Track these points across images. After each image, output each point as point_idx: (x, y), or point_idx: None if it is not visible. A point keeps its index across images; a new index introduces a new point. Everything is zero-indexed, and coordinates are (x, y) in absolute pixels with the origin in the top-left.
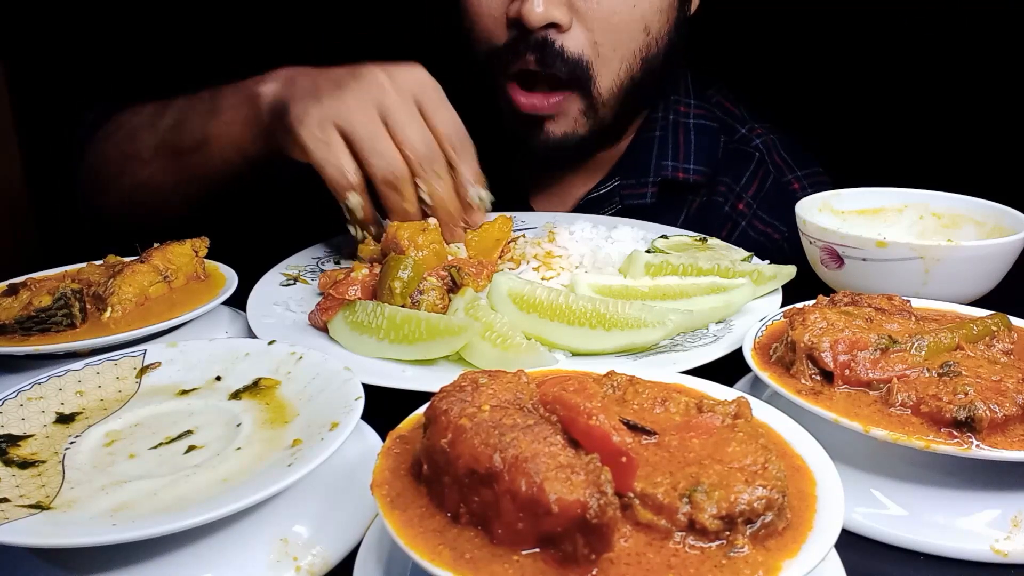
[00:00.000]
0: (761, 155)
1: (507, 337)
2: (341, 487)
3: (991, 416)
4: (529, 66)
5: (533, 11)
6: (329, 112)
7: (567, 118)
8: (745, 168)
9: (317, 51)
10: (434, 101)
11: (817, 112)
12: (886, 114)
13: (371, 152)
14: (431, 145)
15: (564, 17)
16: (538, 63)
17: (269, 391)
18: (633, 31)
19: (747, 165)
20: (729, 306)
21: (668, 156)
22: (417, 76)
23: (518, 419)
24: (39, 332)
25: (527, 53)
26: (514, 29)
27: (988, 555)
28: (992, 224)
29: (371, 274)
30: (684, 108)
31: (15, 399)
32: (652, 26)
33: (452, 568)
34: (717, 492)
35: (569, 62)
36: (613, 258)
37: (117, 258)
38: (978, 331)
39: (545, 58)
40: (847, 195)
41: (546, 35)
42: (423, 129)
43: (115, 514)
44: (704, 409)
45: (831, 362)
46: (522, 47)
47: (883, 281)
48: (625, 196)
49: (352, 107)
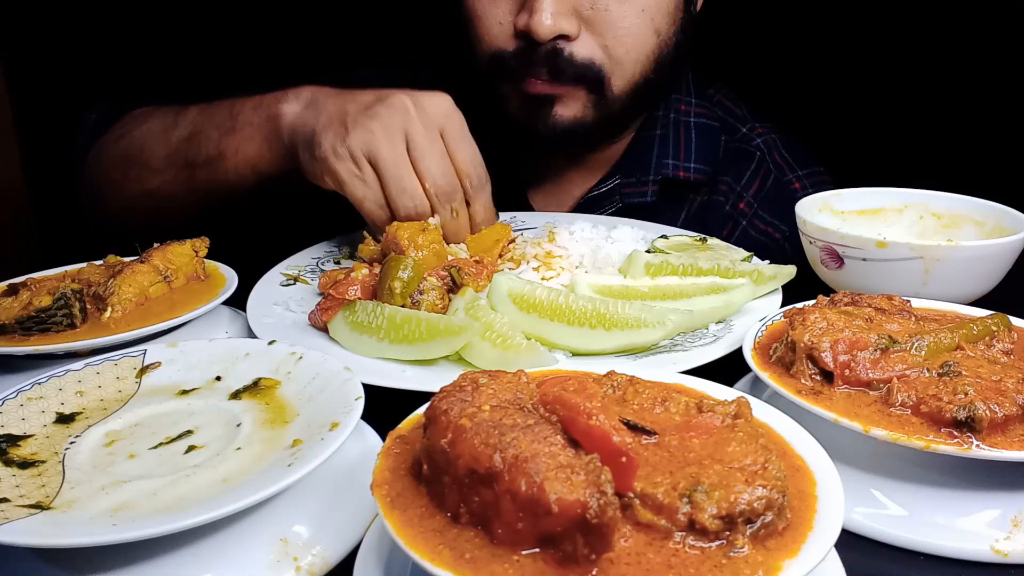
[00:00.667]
0: (762, 154)
1: (507, 337)
2: (341, 487)
3: (991, 416)
4: (541, 77)
5: (542, 24)
6: (360, 144)
7: (577, 103)
8: (746, 167)
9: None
10: (457, 133)
11: (818, 112)
12: (886, 114)
13: (398, 191)
14: (451, 179)
15: (572, 28)
16: (550, 74)
17: (269, 391)
18: (644, 35)
19: (748, 164)
20: (729, 306)
21: (669, 155)
22: (443, 106)
23: (518, 419)
24: (39, 332)
25: (538, 65)
26: (522, 40)
27: (988, 555)
28: (992, 224)
29: (371, 274)
30: (685, 107)
31: (15, 399)
32: (662, 29)
33: (452, 568)
34: (717, 492)
35: (579, 67)
36: (613, 258)
37: (117, 258)
38: (978, 331)
39: (557, 67)
40: (847, 195)
41: (555, 45)
42: (445, 162)
43: (115, 514)
44: (704, 409)
45: (831, 362)
46: (533, 58)
47: (883, 281)
48: (626, 194)
49: (380, 138)
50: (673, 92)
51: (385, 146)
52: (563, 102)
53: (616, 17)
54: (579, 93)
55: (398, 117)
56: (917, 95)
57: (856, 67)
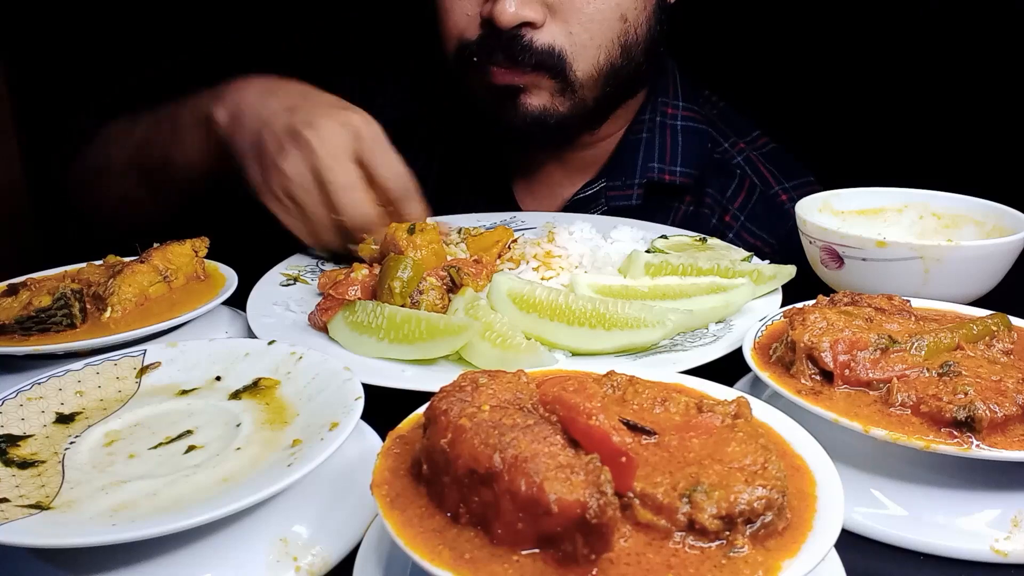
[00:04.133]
0: (743, 171)
1: (507, 337)
2: (341, 487)
3: (991, 416)
4: (498, 63)
5: (505, 11)
6: (278, 186)
7: (543, 92)
8: (729, 182)
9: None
10: (371, 149)
11: (817, 112)
12: (885, 114)
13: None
14: (363, 209)
15: (537, 15)
16: (507, 59)
17: (269, 391)
18: (609, 20)
19: (731, 180)
20: (729, 306)
21: (654, 158)
22: (350, 127)
23: (518, 419)
24: (39, 332)
25: (496, 51)
26: (486, 27)
27: (988, 555)
28: (992, 224)
29: (371, 274)
30: (671, 110)
31: (15, 399)
32: (629, 14)
33: (452, 568)
34: (717, 492)
35: (538, 53)
36: (613, 258)
37: (117, 258)
38: (978, 331)
39: (514, 53)
40: (847, 195)
41: (516, 32)
42: (355, 192)
43: (115, 514)
44: (704, 409)
45: (831, 362)
46: (492, 44)
47: (883, 281)
48: (611, 197)
49: (292, 182)
50: (660, 95)
51: (298, 191)
52: (529, 92)
53: (581, 3)
54: (543, 81)
55: (304, 154)
56: (917, 95)
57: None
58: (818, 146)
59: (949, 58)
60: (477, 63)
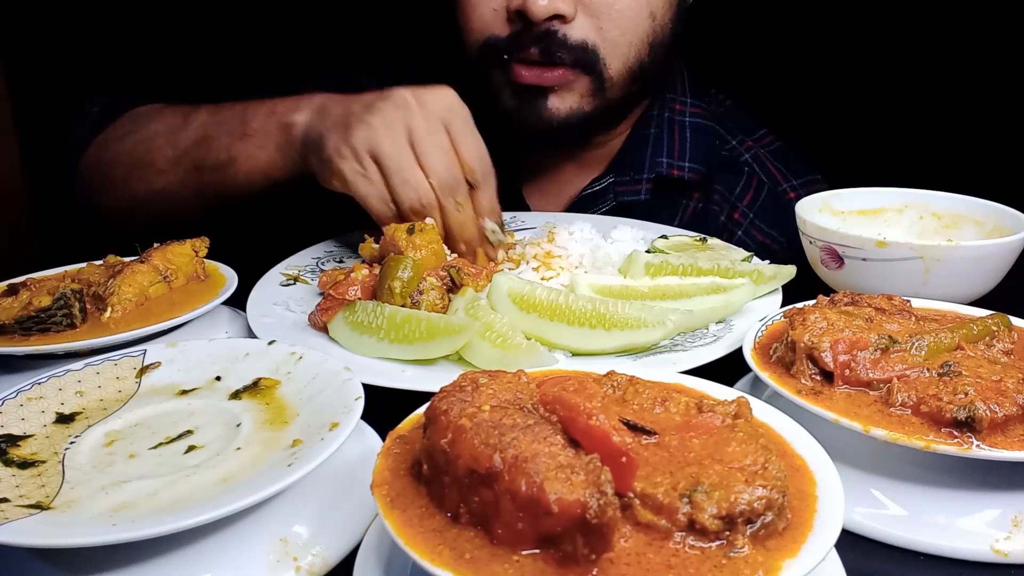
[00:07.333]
0: (751, 169)
1: (507, 337)
2: (341, 487)
3: (991, 416)
4: (532, 57)
5: (538, 3)
6: (362, 142)
7: (573, 94)
8: (737, 179)
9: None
10: (461, 127)
11: (818, 111)
12: (886, 114)
13: (401, 184)
14: (455, 173)
15: (569, 8)
16: (542, 53)
17: (269, 391)
18: (639, 18)
19: (739, 177)
20: (729, 306)
21: (663, 153)
22: (446, 100)
23: (518, 419)
24: (39, 332)
25: (530, 46)
26: (517, 22)
27: (988, 555)
28: (992, 224)
29: (371, 274)
30: (680, 106)
31: (15, 399)
32: (657, 12)
33: (452, 568)
34: (717, 492)
35: (574, 49)
36: (613, 258)
37: (117, 258)
38: (978, 331)
39: (550, 48)
40: (847, 195)
41: (550, 26)
42: (449, 155)
43: (115, 514)
44: (704, 409)
45: (831, 362)
46: (525, 39)
47: (883, 281)
48: (619, 193)
49: (382, 133)
50: (668, 91)
51: (386, 141)
52: (558, 94)
53: None
54: (576, 83)
55: (399, 112)
56: (917, 95)
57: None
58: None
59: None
60: (507, 60)
